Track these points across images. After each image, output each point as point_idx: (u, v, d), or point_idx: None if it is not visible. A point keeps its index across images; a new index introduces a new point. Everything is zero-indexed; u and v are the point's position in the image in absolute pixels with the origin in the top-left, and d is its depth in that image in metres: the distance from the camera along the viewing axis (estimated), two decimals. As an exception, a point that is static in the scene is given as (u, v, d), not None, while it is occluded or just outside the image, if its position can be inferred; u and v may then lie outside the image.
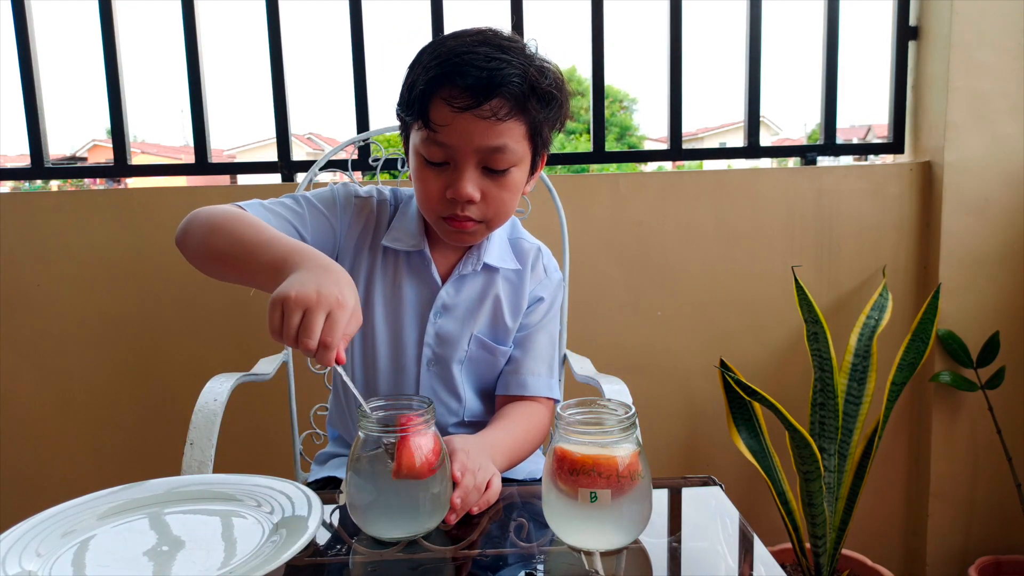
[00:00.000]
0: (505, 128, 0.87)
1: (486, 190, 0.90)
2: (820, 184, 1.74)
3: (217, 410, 1.04)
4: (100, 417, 1.74)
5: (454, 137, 0.87)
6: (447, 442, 0.79)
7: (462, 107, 0.85)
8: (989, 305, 1.73)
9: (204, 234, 0.86)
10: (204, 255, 0.87)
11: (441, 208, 0.92)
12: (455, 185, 0.89)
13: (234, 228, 0.84)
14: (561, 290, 1.13)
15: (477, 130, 0.86)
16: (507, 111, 0.86)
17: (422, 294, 1.01)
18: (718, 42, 7.11)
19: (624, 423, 0.67)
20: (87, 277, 1.70)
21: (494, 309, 1.03)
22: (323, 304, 0.69)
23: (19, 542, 0.65)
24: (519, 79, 0.86)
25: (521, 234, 1.09)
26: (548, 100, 0.90)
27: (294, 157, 1.74)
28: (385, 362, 1.02)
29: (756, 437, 1.61)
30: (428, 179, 0.92)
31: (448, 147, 0.88)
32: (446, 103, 0.86)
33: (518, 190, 0.94)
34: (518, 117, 0.88)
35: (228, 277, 0.87)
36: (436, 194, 0.91)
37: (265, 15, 1.70)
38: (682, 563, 0.67)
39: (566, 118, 0.96)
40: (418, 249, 1.00)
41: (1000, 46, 1.67)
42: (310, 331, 0.68)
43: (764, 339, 1.78)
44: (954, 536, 1.80)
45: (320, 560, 0.70)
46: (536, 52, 0.92)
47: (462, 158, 0.88)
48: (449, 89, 0.86)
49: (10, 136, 3.17)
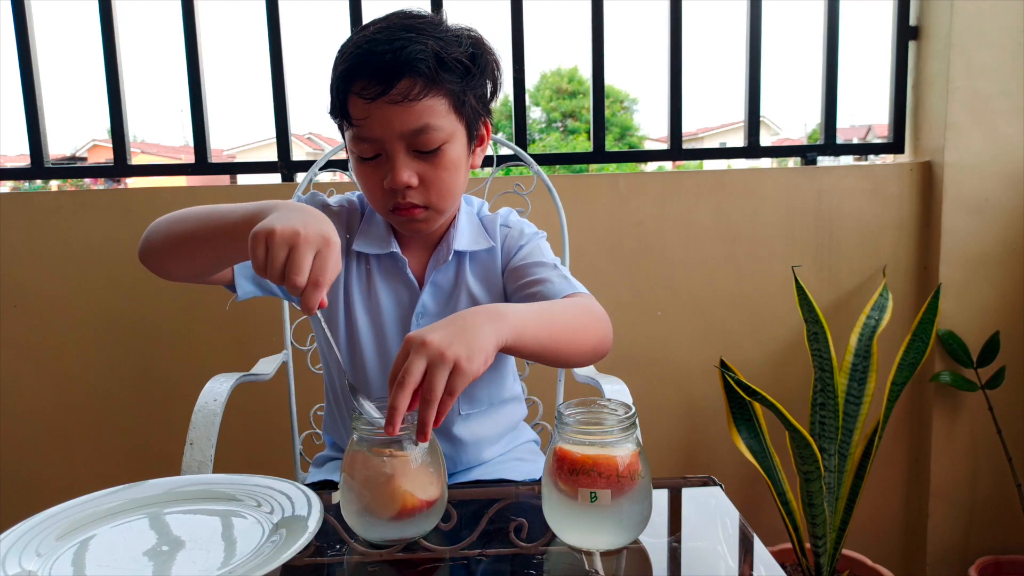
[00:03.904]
0: (422, 107, 0.86)
1: (422, 173, 0.89)
2: (820, 184, 1.74)
3: (217, 410, 1.04)
4: (100, 417, 1.74)
5: (375, 128, 0.87)
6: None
7: (373, 96, 0.85)
8: (989, 305, 1.73)
9: (166, 227, 0.85)
10: (170, 246, 0.85)
11: (385, 200, 0.92)
12: (390, 175, 0.88)
13: (196, 211, 0.84)
14: (539, 239, 1.04)
15: (394, 116, 0.85)
16: (419, 90, 0.85)
17: (400, 295, 1.00)
18: (718, 42, 7.12)
19: (624, 423, 0.67)
20: (87, 277, 1.70)
21: (470, 298, 1.00)
22: (311, 241, 0.67)
23: (19, 542, 0.65)
24: (424, 55, 0.84)
25: (485, 211, 1.06)
26: (463, 69, 0.88)
27: (294, 157, 1.74)
28: (373, 368, 1.00)
29: (756, 437, 1.61)
30: (366, 175, 0.91)
31: (373, 140, 0.88)
32: (359, 96, 0.86)
33: (458, 167, 0.92)
34: (434, 93, 0.86)
35: (200, 261, 0.85)
36: (376, 188, 0.91)
37: (265, 15, 1.70)
38: (682, 563, 0.67)
39: (495, 83, 0.95)
40: (389, 251, 0.98)
41: (1000, 46, 1.67)
42: (299, 267, 0.66)
43: (764, 339, 1.78)
44: (954, 536, 1.80)
45: (320, 560, 0.70)
46: (445, 22, 0.90)
47: (389, 147, 0.88)
48: (359, 82, 0.85)
49: (10, 136, 3.17)
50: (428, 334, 0.68)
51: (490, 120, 0.99)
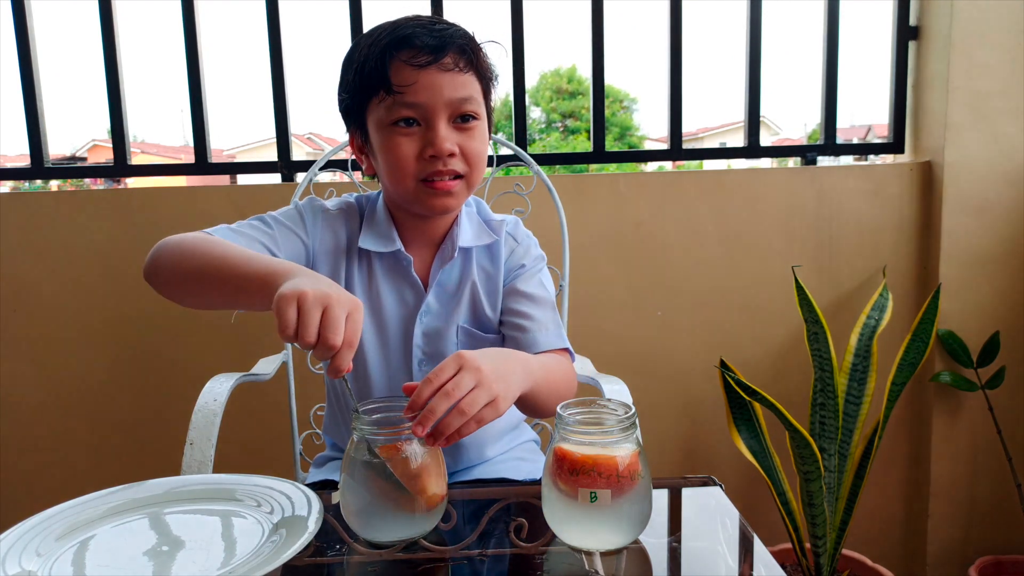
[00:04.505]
0: (467, 79, 0.92)
1: (461, 143, 0.93)
2: (820, 184, 1.74)
3: (217, 410, 1.04)
4: (100, 417, 1.74)
5: (422, 94, 0.90)
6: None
7: (424, 63, 0.89)
8: (989, 305, 1.73)
9: (176, 260, 0.84)
10: (178, 280, 0.85)
11: (420, 171, 0.92)
12: (433, 142, 0.91)
13: (208, 250, 0.82)
14: (543, 264, 1.08)
15: (444, 82, 0.90)
16: (464, 64, 0.91)
17: (403, 294, 1.00)
18: (718, 42, 7.12)
19: (624, 423, 0.67)
20: (87, 277, 1.70)
21: (472, 297, 1.01)
22: (343, 303, 0.68)
23: (19, 542, 0.65)
24: (465, 38, 0.92)
25: (492, 216, 1.07)
26: (488, 62, 0.96)
27: (294, 157, 1.74)
28: (376, 367, 1.00)
29: (756, 437, 1.61)
30: (401, 146, 0.92)
31: (418, 105, 0.90)
32: (407, 64, 0.89)
33: (487, 144, 0.97)
34: (473, 72, 0.93)
35: (205, 299, 0.85)
36: (412, 158, 0.92)
37: (265, 15, 1.70)
38: (682, 563, 0.67)
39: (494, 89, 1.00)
40: (393, 249, 0.99)
41: (1000, 46, 1.67)
42: (335, 327, 0.66)
43: (764, 339, 1.78)
44: (954, 536, 1.80)
45: (320, 560, 0.70)
46: None
47: (434, 114, 0.91)
48: (407, 51, 0.90)
49: (10, 136, 3.17)
50: (483, 362, 0.72)
51: (493, 126, 1.03)
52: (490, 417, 0.71)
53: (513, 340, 0.99)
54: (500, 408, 0.72)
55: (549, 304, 1.02)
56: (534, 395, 0.83)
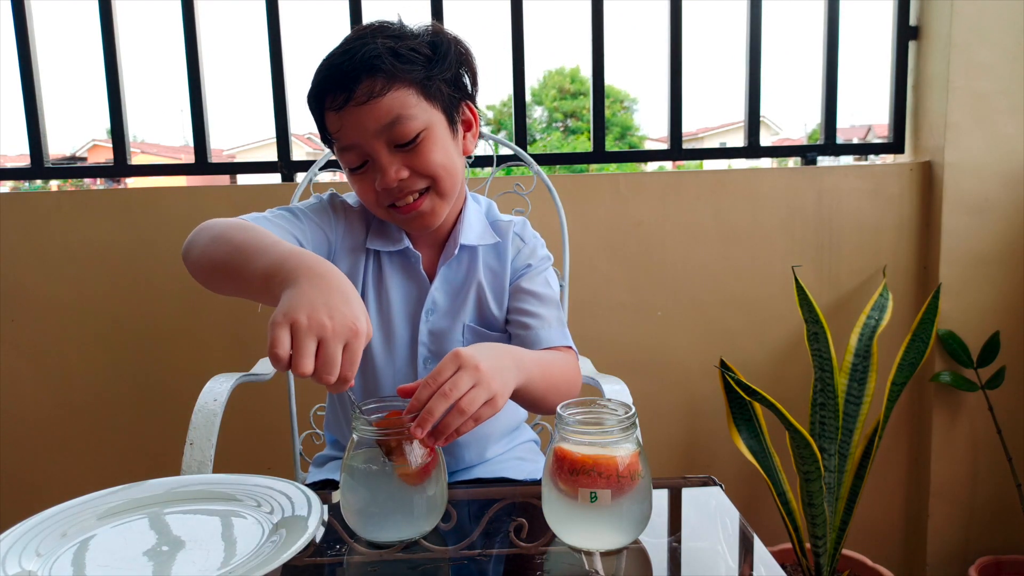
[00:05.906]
0: (389, 101, 0.88)
1: (409, 163, 0.91)
2: (820, 184, 1.74)
3: (217, 410, 1.04)
4: (100, 417, 1.74)
5: (351, 134, 0.90)
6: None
7: (340, 105, 0.89)
8: (989, 305, 1.73)
9: (205, 244, 0.84)
10: (203, 267, 0.85)
11: (383, 200, 0.93)
12: (379, 176, 0.91)
13: (234, 236, 0.82)
14: (549, 264, 1.07)
15: (363, 116, 0.88)
16: (380, 86, 0.87)
17: (410, 293, 1.01)
18: (718, 42, 7.12)
19: (624, 423, 0.67)
20: (87, 277, 1.70)
21: (478, 296, 1.01)
22: (340, 332, 0.64)
23: (19, 542, 0.65)
24: (376, 52, 0.87)
25: (499, 216, 1.08)
26: (423, 58, 0.90)
27: (294, 157, 1.74)
28: (383, 365, 1.01)
29: (756, 437, 1.61)
30: (361, 183, 0.94)
31: (353, 147, 0.91)
32: (330, 110, 0.90)
33: (445, 150, 0.93)
34: (397, 86, 0.88)
35: (226, 288, 0.85)
36: (372, 193, 0.93)
37: (265, 15, 1.70)
38: (682, 563, 0.67)
39: (472, 68, 0.97)
40: (401, 248, 1.00)
41: (1000, 46, 1.67)
42: (331, 365, 0.63)
43: (764, 339, 1.78)
44: (954, 536, 1.80)
45: (320, 560, 0.70)
46: (401, 22, 0.93)
47: (369, 148, 0.90)
48: (328, 98, 0.90)
49: (10, 136, 3.17)
50: (480, 360, 0.71)
51: (474, 104, 1.00)
52: (488, 415, 0.72)
53: (518, 337, 1.00)
54: (498, 405, 0.72)
55: (554, 302, 1.03)
56: (529, 389, 0.83)
